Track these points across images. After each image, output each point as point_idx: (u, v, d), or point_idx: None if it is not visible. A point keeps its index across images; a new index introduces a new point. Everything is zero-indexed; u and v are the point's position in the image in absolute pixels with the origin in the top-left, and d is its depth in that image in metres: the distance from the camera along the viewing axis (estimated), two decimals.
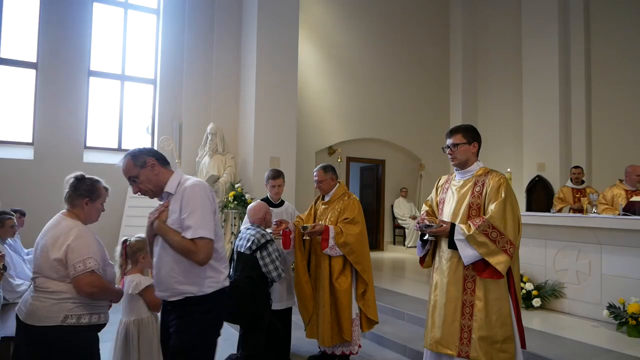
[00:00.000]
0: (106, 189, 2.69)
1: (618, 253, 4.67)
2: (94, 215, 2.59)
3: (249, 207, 4.05)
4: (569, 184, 7.16)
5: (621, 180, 6.18)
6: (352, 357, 4.05)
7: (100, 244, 2.52)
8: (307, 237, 3.92)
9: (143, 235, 2.95)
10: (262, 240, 3.66)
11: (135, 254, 3.00)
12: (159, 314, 2.98)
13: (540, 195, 9.21)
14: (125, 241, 3.05)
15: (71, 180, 2.55)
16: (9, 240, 5.01)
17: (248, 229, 3.84)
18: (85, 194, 2.53)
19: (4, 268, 2.68)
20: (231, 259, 3.93)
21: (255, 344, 3.64)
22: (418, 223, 2.97)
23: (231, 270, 3.81)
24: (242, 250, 3.70)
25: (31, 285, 2.50)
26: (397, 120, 11.02)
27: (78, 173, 2.59)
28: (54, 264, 2.35)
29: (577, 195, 6.93)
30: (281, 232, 3.86)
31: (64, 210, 2.55)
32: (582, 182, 7.10)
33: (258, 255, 3.62)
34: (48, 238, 2.42)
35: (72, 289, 2.37)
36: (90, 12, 7.86)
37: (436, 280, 3.01)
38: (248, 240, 3.68)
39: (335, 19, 10.36)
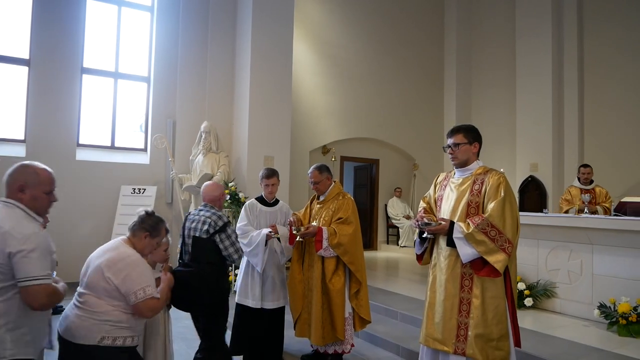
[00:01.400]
0: (167, 231, 2.84)
1: (609, 253, 4.71)
2: (148, 249, 2.73)
3: (204, 184, 3.84)
4: (577, 183, 6.76)
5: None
6: (345, 356, 4.06)
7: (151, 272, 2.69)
8: (300, 239, 3.90)
9: None
10: (220, 223, 3.45)
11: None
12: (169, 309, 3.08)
13: (533, 195, 9.27)
14: None
15: (141, 213, 2.75)
16: None
17: (200, 210, 3.63)
18: (147, 229, 2.69)
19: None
20: (183, 243, 3.67)
21: (218, 330, 3.50)
22: (417, 221, 2.97)
23: (185, 255, 3.61)
24: (197, 234, 3.46)
25: (73, 301, 2.56)
26: (391, 120, 11.04)
27: (149, 209, 2.80)
28: (109, 287, 2.44)
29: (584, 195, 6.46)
30: (289, 228, 3.94)
31: (124, 237, 2.71)
32: (591, 181, 6.68)
33: (217, 239, 3.43)
34: (105, 260, 2.51)
35: (115, 312, 2.45)
36: (84, 8, 7.80)
37: (433, 277, 3.02)
38: (204, 223, 3.45)
39: (330, 18, 10.36)
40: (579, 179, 6.78)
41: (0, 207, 2.18)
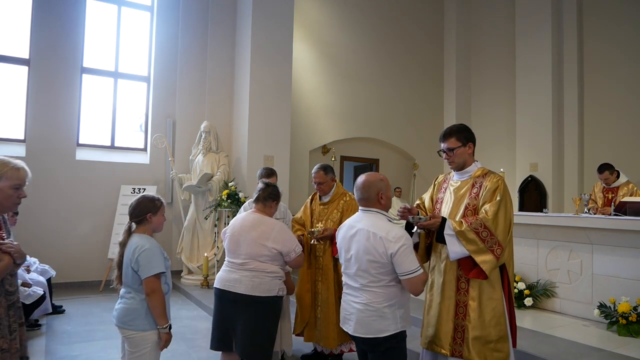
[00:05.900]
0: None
1: (609, 253, 4.71)
2: (275, 212, 3.45)
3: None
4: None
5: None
6: (345, 356, 4.06)
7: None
8: (316, 242, 3.86)
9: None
10: None
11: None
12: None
13: (533, 195, 9.27)
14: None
15: (262, 186, 3.40)
16: None
17: None
18: (275, 197, 3.39)
19: None
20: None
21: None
22: (401, 212, 2.88)
23: None
24: None
25: (237, 269, 3.21)
26: (391, 120, 11.04)
27: (266, 180, 3.63)
28: (273, 251, 3.17)
29: (607, 195, 6.08)
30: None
31: (254, 210, 3.37)
32: (618, 174, 6.15)
33: None
34: (259, 232, 3.19)
35: (280, 269, 3.24)
36: (84, 8, 7.80)
37: (432, 280, 3.02)
38: None
39: (329, 17, 10.36)
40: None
41: (361, 214, 2.70)
